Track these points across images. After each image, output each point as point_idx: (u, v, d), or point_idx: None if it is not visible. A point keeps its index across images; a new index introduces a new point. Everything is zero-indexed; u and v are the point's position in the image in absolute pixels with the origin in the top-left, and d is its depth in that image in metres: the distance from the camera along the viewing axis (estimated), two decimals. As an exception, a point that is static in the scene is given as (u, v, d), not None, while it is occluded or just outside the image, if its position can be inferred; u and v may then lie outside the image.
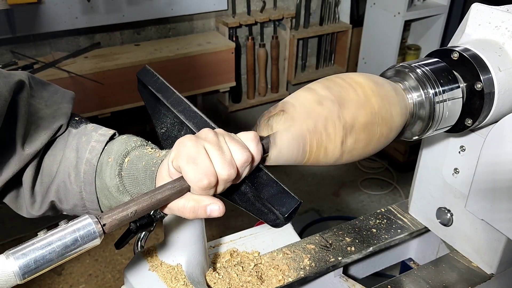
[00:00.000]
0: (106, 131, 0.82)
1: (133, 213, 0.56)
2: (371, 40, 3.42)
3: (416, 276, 0.98)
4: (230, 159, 0.60)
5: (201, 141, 0.60)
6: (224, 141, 0.61)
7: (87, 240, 0.52)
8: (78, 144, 0.81)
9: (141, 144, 0.78)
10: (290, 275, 0.93)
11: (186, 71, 2.99)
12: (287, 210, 0.63)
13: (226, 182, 0.60)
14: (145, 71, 0.82)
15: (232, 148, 0.61)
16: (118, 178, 0.75)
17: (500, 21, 0.78)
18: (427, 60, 0.78)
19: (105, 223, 0.54)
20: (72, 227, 0.52)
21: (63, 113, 0.83)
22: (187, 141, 0.60)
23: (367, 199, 3.13)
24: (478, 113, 0.76)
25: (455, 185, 0.96)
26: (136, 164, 0.74)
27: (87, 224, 0.52)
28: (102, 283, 2.43)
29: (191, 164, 0.58)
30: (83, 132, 0.82)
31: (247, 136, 0.63)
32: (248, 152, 0.61)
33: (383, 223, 1.09)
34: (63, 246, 0.51)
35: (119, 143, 0.79)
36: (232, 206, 0.69)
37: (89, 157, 0.79)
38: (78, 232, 0.52)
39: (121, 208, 0.56)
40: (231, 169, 0.59)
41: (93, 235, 0.52)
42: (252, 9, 3.34)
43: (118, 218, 0.55)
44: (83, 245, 0.52)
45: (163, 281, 0.84)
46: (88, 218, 0.53)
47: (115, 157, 0.76)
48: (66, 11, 2.72)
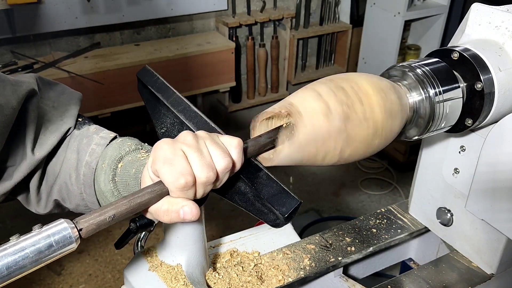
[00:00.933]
0: (107, 133, 0.82)
1: (112, 217, 0.54)
2: (371, 40, 3.42)
3: (416, 276, 0.98)
4: (209, 161, 0.58)
5: (179, 144, 0.59)
6: (204, 144, 0.60)
7: (63, 245, 0.50)
8: (79, 146, 0.81)
9: (136, 148, 0.77)
10: (290, 275, 0.93)
11: (186, 71, 2.99)
12: (287, 210, 0.63)
13: (206, 185, 0.59)
14: (145, 71, 0.82)
15: (213, 152, 0.59)
16: (112, 183, 0.75)
17: (500, 21, 0.78)
18: (427, 60, 0.78)
19: (82, 227, 0.52)
20: (46, 231, 0.50)
21: (71, 115, 0.84)
22: (163, 144, 0.59)
23: (367, 199, 3.13)
24: (478, 113, 0.76)
25: (455, 185, 0.96)
26: (128, 170, 0.74)
27: (62, 228, 0.50)
28: (102, 283, 2.43)
29: (166, 165, 0.57)
30: (85, 133, 0.83)
31: (231, 141, 0.61)
32: (229, 158, 0.60)
33: (383, 223, 1.09)
34: (37, 252, 0.49)
35: (113, 148, 0.78)
36: (232, 206, 0.69)
37: (88, 160, 0.79)
38: (53, 237, 0.50)
39: (98, 212, 0.54)
40: (210, 171, 0.58)
41: (69, 240, 0.50)
42: (252, 9, 3.34)
43: (96, 222, 0.53)
44: (58, 251, 0.50)
45: (163, 281, 0.84)
46: (64, 223, 0.51)
47: (109, 162, 0.76)
48: (66, 11, 2.72)
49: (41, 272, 2.43)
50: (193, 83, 3.06)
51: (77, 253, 2.59)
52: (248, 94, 3.58)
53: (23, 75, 0.81)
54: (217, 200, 0.69)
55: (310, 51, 3.81)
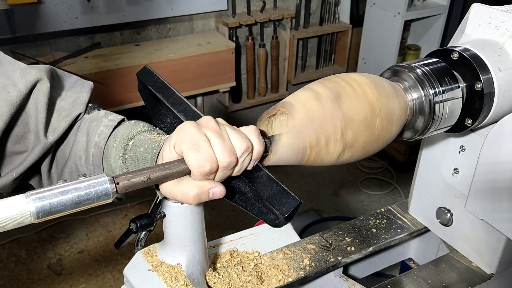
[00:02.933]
0: (115, 116, 0.86)
1: (147, 178, 0.58)
2: (371, 40, 3.42)
3: (416, 276, 0.98)
4: (231, 146, 0.61)
5: (203, 128, 0.62)
6: (224, 130, 0.63)
7: (100, 195, 0.56)
8: (89, 129, 0.85)
9: (147, 129, 0.81)
10: (290, 275, 0.93)
11: (186, 71, 2.99)
12: (287, 210, 0.63)
13: (226, 170, 0.62)
14: (145, 71, 0.82)
15: (232, 137, 0.62)
16: (122, 160, 0.78)
17: (500, 21, 0.78)
18: (427, 60, 0.78)
19: (119, 182, 0.57)
20: (89, 181, 0.56)
21: (82, 102, 0.88)
22: (189, 127, 0.62)
23: (367, 199, 3.13)
24: (478, 113, 0.76)
25: (455, 185, 0.96)
26: (138, 147, 0.77)
27: (102, 181, 0.56)
28: (102, 283, 2.43)
29: (193, 150, 0.60)
30: (95, 117, 0.87)
31: (248, 129, 0.65)
32: (248, 141, 0.62)
33: (383, 223, 1.09)
34: (78, 197, 0.55)
35: (126, 127, 0.82)
36: (232, 206, 0.69)
37: (97, 141, 0.83)
38: (93, 187, 0.56)
39: (136, 172, 0.58)
40: (232, 156, 0.61)
41: (106, 191, 0.56)
42: (252, 9, 3.34)
43: (132, 180, 0.58)
44: (96, 200, 0.56)
45: (163, 281, 0.84)
46: (104, 176, 0.56)
47: (121, 140, 0.80)
48: (66, 11, 2.72)
49: (41, 272, 2.43)
50: (193, 83, 3.06)
51: (77, 253, 2.59)
52: (248, 94, 3.58)
53: (36, 66, 0.84)
54: (217, 200, 0.69)
55: (310, 51, 3.81)
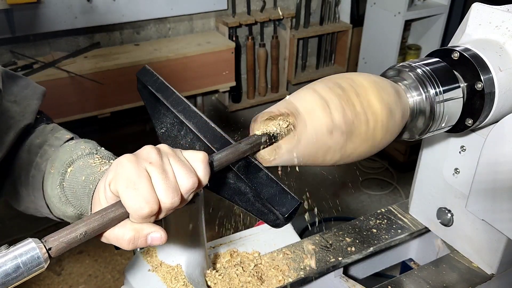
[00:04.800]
0: (62, 135, 0.77)
1: (83, 234, 0.50)
2: (371, 40, 3.42)
3: (416, 277, 0.98)
4: (175, 184, 0.54)
5: (142, 162, 0.54)
6: (168, 162, 0.55)
7: (31, 266, 0.47)
8: (30, 146, 0.77)
9: (89, 153, 0.72)
10: (290, 275, 0.93)
11: (186, 71, 2.98)
12: (287, 210, 0.62)
13: (169, 210, 0.55)
14: (145, 71, 0.81)
15: (177, 171, 0.55)
16: (60, 188, 0.70)
17: (501, 21, 0.78)
18: (427, 60, 0.78)
19: (51, 246, 0.48)
20: (13, 252, 0.46)
21: (32, 111, 0.79)
22: (126, 162, 0.53)
23: (367, 199, 3.13)
24: (479, 113, 0.76)
25: (455, 185, 0.96)
26: (77, 177, 0.69)
27: (30, 248, 0.47)
28: (101, 283, 2.43)
29: (130, 190, 0.52)
30: (40, 132, 0.79)
31: (196, 156, 0.57)
32: (195, 177, 0.55)
33: (383, 223, 1.09)
34: (4, 274, 0.45)
35: (65, 150, 0.73)
36: (232, 206, 0.68)
37: (39, 161, 0.74)
38: (20, 258, 0.46)
39: (69, 229, 0.50)
40: (175, 196, 0.53)
41: (38, 261, 0.47)
42: (252, 9, 3.34)
43: (66, 240, 0.49)
44: (27, 272, 0.47)
45: (163, 282, 0.83)
46: (32, 242, 0.47)
47: (57, 166, 0.71)
48: (66, 11, 2.72)
49: (40, 273, 2.43)
50: (193, 83, 3.06)
51: (77, 253, 2.59)
52: (248, 94, 3.58)
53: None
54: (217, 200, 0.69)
55: (310, 51, 3.81)
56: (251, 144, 0.65)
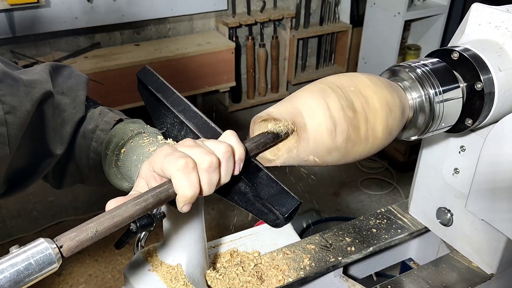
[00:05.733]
0: (110, 118, 0.85)
1: (94, 233, 0.52)
2: (371, 40, 3.42)
3: (416, 276, 0.98)
4: (209, 149, 0.60)
5: (179, 147, 0.61)
6: (201, 141, 0.62)
7: (43, 265, 0.47)
8: (85, 132, 0.85)
9: (138, 133, 0.80)
10: (290, 275, 0.93)
11: (186, 71, 2.98)
12: (287, 210, 0.63)
13: (209, 171, 0.59)
14: (145, 71, 0.82)
15: (209, 144, 0.61)
16: (115, 167, 0.79)
17: (500, 21, 0.78)
18: (427, 60, 0.78)
19: (63, 245, 0.50)
20: (25, 252, 0.47)
21: (81, 103, 0.86)
22: (164, 148, 0.60)
23: (367, 199, 3.13)
24: (478, 113, 0.76)
25: (455, 185, 0.96)
26: (130, 156, 0.77)
27: (43, 248, 0.47)
28: (102, 283, 2.43)
29: (167, 157, 0.58)
30: (90, 118, 0.86)
31: (225, 134, 0.64)
32: (226, 144, 0.61)
33: (383, 223, 1.09)
34: (16, 274, 0.45)
35: (116, 133, 0.82)
36: (232, 206, 0.69)
37: (95, 145, 0.83)
38: (33, 257, 0.47)
39: (80, 229, 0.52)
40: (211, 155, 0.58)
41: (50, 260, 0.48)
42: (252, 9, 3.34)
43: (78, 239, 0.51)
44: (39, 272, 0.47)
45: (163, 281, 0.84)
46: (44, 242, 0.48)
47: (112, 148, 0.80)
48: (66, 11, 2.72)
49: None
50: (193, 83, 3.06)
51: (77, 253, 2.59)
52: (248, 94, 3.58)
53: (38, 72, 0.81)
54: (217, 200, 0.69)
55: (310, 51, 3.81)
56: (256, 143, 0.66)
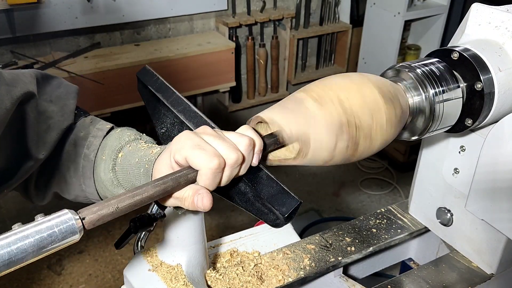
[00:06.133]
0: (103, 125, 0.84)
1: (115, 208, 0.54)
2: (371, 40, 3.42)
3: (416, 276, 0.98)
4: (233, 144, 0.60)
5: (201, 134, 0.61)
6: (221, 133, 0.63)
7: (66, 235, 0.49)
8: (76, 140, 0.83)
9: (135, 138, 0.80)
10: (290, 275, 0.93)
11: (186, 71, 2.99)
12: (287, 210, 0.63)
13: (233, 168, 0.60)
14: (145, 71, 0.82)
15: (231, 137, 0.62)
16: (112, 173, 0.77)
17: (500, 21, 0.78)
18: (427, 60, 0.78)
19: (85, 217, 0.52)
20: (50, 221, 0.49)
21: (70, 111, 0.85)
22: (187, 134, 0.61)
23: (367, 199, 3.13)
24: (478, 113, 0.76)
25: (455, 185, 0.96)
26: (129, 160, 0.76)
27: (66, 218, 0.49)
28: (102, 283, 2.43)
29: (197, 150, 0.58)
30: (81, 126, 0.85)
31: (242, 128, 0.65)
32: (247, 136, 0.62)
33: (383, 223, 1.09)
34: (40, 240, 0.48)
35: (113, 138, 0.81)
36: (232, 206, 0.69)
37: (87, 152, 0.81)
38: (57, 226, 0.49)
39: (102, 204, 0.54)
40: (237, 151, 0.60)
41: (72, 230, 0.49)
42: (252, 9, 3.34)
43: (99, 213, 0.53)
44: (62, 240, 0.49)
45: (163, 281, 0.84)
46: (68, 213, 0.50)
47: (109, 152, 0.78)
48: (66, 11, 2.72)
49: (41, 272, 2.43)
50: (193, 83, 3.06)
51: (77, 253, 2.59)
52: (248, 94, 3.58)
53: (23, 72, 0.81)
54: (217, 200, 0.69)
55: (310, 51, 3.81)
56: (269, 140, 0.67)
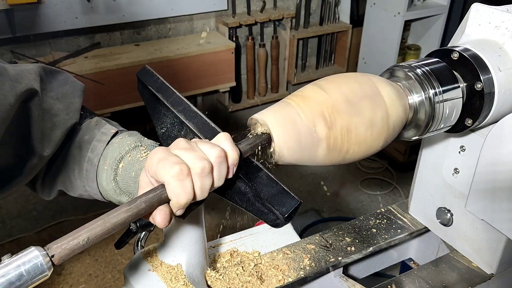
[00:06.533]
0: (108, 129, 0.83)
1: (85, 240, 0.52)
2: (371, 40, 3.42)
3: (416, 276, 0.98)
4: (202, 154, 0.59)
5: (173, 149, 0.60)
6: (195, 144, 0.61)
7: (34, 274, 0.48)
8: (81, 142, 0.83)
9: (135, 146, 0.79)
10: (290, 275, 0.93)
11: (186, 71, 2.99)
12: (287, 210, 0.63)
13: (202, 176, 0.59)
14: (145, 71, 0.82)
15: (203, 147, 0.61)
16: (114, 182, 0.77)
17: (500, 21, 0.78)
18: (427, 60, 0.78)
19: (54, 254, 0.50)
20: (16, 261, 0.47)
21: (75, 109, 0.85)
22: (158, 150, 0.60)
23: (367, 199, 3.13)
24: (478, 113, 0.76)
25: (455, 185, 0.96)
26: (129, 172, 0.76)
27: (33, 257, 0.48)
28: (102, 283, 2.43)
29: (161, 162, 0.58)
30: (86, 128, 0.85)
31: (219, 137, 0.63)
32: (219, 148, 0.60)
33: (383, 223, 1.09)
34: (8, 283, 0.46)
35: (114, 147, 0.80)
36: (232, 206, 0.69)
37: (91, 156, 0.81)
38: (24, 266, 0.47)
39: (71, 236, 0.51)
40: (203, 160, 0.58)
41: (41, 268, 0.48)
42: (252, 9, 3.34)
43: (69, 247, 0.51)
44: (31, 280, 0.48)
45: (163, 281, 0.84)
46: (35, 251, 0.48)
47: (110, 163, 0.78)
48: (66, 11, 2.72)
49: (41, 273, 2.43)
50: (193, 83, 3.06)
51: (77, 253, 2.59)
52: (248, 94, 3.58)
53: (27, 69, 0.79)
54: (217, 200, 0.69)
55: (310, 51, 3.81)
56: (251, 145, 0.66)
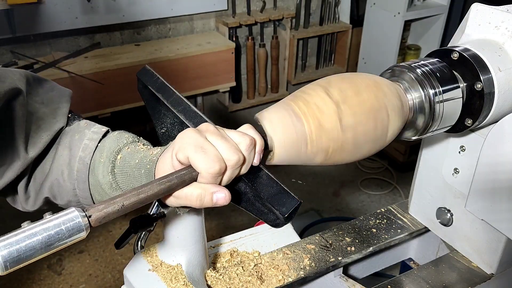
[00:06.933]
0: (99, 128, 0.83)
1: (121, 206, 0.55)
2: (371, 40, 3.42)
3: (416, 276, 0.98)
4: (235, 144, 0.61)
5: (203, 132, 0.61)
6: (224, 131, 0.63)
7: (73, 232, 0.51)
8: (71, 142, 0.81)
9: (133, 141, 0.79)
10: (290, 275, 0.93)
11: (186, 71, 2.99)
12: (287, 210, 0.63)
13: (234, 169, 0.61)
14: (145, 71, 0.82)
15: (233, 136, 0.62)
16: (111, 175, 0.76)
17: (500, 21, 0.78)
18: (427, 60, 0.78)
19: (91, 215, 0.53)
20: (58, 219, 0.51)
21: (63, 114, 0.84)
22: (190, 133, 0.61)
23: (367, 199, 3.13)
24: (478, 113, 0.76)
25: (455, 185, 0.96)
26: (128, 162, 0.75)
27: (73, 216, 0.51)
28: (102, 283, 2.43)
29: (199, 152, 0.58)
30: (76, 129, 0.83)
31: (244, 127, 0.65)
32: (249, 136, 0.62)
33: (383, 223, 1.09)
34: (48, 238, 0.50)
35: (111, 140, 0.79)
36: (232, 206, 0.69)
37: (82, 155, 0.80)
38: (64, 224, 0.51)
39: (108, 202, 0.55)
40: (238, 153, 0.60)
41: (79, 228, 0.51)
42: (252, 9, 3.34)
43: (105, 211, 0.54)
44: (69, 238, 0.51)
45: (163, 281, 0.84)
46: (75, 211, 0.52)
47: (107, 154, 0.77)
48: (66, 11, 2.73)
49: (41, 272, 2.43)
50: (193, 83, 3.06)
51: (77, 253, 2.59)
52: (248, 94, 3.58)
53: (12, 70, 0.79)
54: (217, 201, 0.70)
55: (310, 51, 3.81)
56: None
